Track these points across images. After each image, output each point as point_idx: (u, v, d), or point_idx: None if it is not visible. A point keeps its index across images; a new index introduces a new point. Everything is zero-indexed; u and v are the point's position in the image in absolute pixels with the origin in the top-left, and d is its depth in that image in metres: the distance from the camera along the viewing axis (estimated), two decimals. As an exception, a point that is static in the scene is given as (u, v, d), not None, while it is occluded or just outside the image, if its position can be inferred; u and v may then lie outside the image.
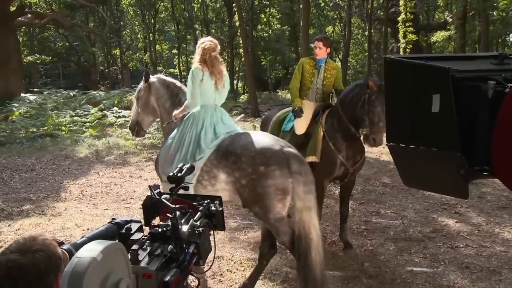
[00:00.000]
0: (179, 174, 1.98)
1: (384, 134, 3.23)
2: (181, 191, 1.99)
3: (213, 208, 1.94)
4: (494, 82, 2.07)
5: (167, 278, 1.53)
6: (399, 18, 17.73)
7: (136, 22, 37.09)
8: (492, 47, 27.23)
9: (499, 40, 30.06)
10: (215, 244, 1.91)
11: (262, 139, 3.55)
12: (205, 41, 4.07)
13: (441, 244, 5.04)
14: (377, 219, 5.94)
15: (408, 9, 17.26)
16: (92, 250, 1.30)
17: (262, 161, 3.32)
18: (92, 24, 33.15)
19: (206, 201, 1.95)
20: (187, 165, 2.05)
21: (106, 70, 34.24)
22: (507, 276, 4.24)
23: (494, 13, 22.35)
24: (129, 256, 1.54)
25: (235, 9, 19.30)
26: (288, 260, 4.64)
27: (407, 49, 17.52)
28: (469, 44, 23.29)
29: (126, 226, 1.80)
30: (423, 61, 2.35)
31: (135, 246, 1.60)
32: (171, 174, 1.99)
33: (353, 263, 4.58)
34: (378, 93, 4.27)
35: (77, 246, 1.56)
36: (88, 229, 5.60)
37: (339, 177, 4.86)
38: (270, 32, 34.95)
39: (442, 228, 5.53)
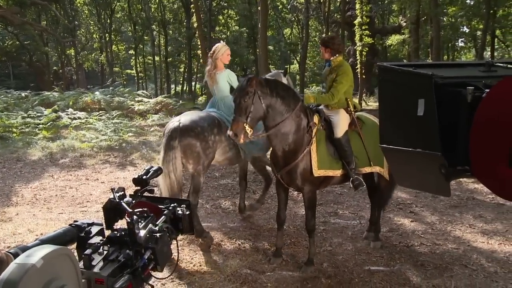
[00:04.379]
0: (144, 177, 1.94)
1: (232, 130, 4.03)
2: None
3: (179, 212, 1.91)
4: (473, 87, 2.22)
5: (118, 285, 1.49)
6: (356, 22, 18.09)
7: (92, 22, 36.35)
8: (443, 51, 28.28)
9: (449, 45, 31.27)
10: (178, 248, 1.88)
11: None
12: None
13: (397, 243, 5.17)
14: (335, 220, 6.03)
15: (364, 12, 17.65)
16: (31, 256, 1.24)
17: None
18: (45, 22, 32.02)
19: (172, 205, 1.92)
20: (155, 167, 2.02)
21: (60, 71, 33.23)
22: (458, 272, 4.41)
23: (445, 19, 23.22)
24: (82, 261, 1.49)
25: (193, 10, 19.13)
26: (248, 262, 4.65)
27: (363, 52, 17.90)
28: (422, 48, 24.07)
29: (86, 229, 1.75)
30: (413, 68, 2.48)
31: (88, 251, 1.55)
32: (136, 176, 1.95)
33: (312, 263, 4.62)
34: None
35: (27, 250, 1.49)
36: (41, 234, 5.41)
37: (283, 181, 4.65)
38: (228, 33, 34.95)
39: (398, 228, 5.68)
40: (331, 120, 4.58)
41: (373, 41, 20.00)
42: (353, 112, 4.65)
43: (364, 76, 18.55)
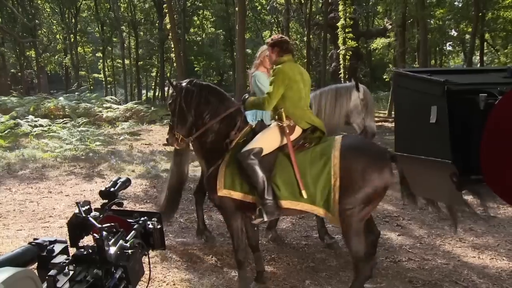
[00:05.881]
0: (112, 189, 1.93)
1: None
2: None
3: (150, 226, 1.90)
4: (486, 94, 2.30)
5: None
6: (339, 24, 18.32)
7: (54, 21, 35.90)
8: (431, 56, 28.82)
9: (437, 49, 31.88)
10: (150, 265, 1.87)
11: None
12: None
13: (384, 258, 5.21)
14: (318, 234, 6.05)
15: (347, 14, 17.89)
16: None
17: None
18: (0, 20, 31.50)
19: (142, 219, 1.91)
20: (122, 179, 2.00)
21: (19, 74, 32.69)
22: (448, 289, 4.47)
23: (432, 21, 23.69)
24: (46, 283, 1.45)
25: (166, 10, 19.12)
26: (225, 280, 4.63)
27: (347, 56, 18.10)
28: (409, 52, 24.47)
29: (48, 248, 1.70)
30: (427, 74, 2.57)
31: (52, 272, 1.50)
32: (103, 188, 1.93)
33: (293, 280, 4.63)
34: None
35: None
36: (-2, 253, 5.29)
37: None
38: (203, 35, 35.06)
39: (384, 242, 5.73)
40: None
41: (357, 44, 20.27)
42: (287, 130, 3.98)
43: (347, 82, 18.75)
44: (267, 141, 4.02)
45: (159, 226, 1.94)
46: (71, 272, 1.54)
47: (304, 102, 4.14)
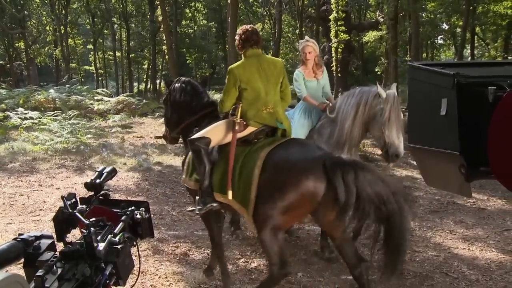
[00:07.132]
0: (97, 180, 1.89)
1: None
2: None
3: (138, 216, 1.87)
4: (494, 87, 2.32)
5: None
6: (331, 17, 18.24)
7: (44, 12, 35.50)
8: (423, 49, 28.87)
9: (428, 42, 31.95)
10: (139, 257, 1.85)
11: None
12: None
13: (376, 250, 5.22)
14: (310, 227, 6.06)
15: (339, 7, 17.81)
16: None
17: None
18: (-14, 10, 31.02)
19: (130, 209, 1.87)
20: (108, 169, 1.97)
21: (8, 65, 32.30)
22: (438, 281, 4.49)
23: (424, 15, 23.71)
24: (34, 284, 1.41)
25: (158, 2, 18.97)
26: (216, 272, 4.62)
27: (339, 49, 18.06)
28: (401, 45, 24.49)
29: (34, 245, 1.64)
30: (441, 67, 2.60)
31: (40, 272, 1.44)
32: (88, 180, 1.89)
33: (286, 274, 4.63)
34: None
35: None
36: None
37: None
38: (195, 28, 34.88)
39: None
40: None
41: (349, 37, 20.22)
42: (236, 127, 3.78)
43: (339, 75, 18.73)
44: (215, 132, 3.87)
45: (147, 216, 1.91)
46: (59, 270, 1.49)
47: (263, 101, 3.86)
